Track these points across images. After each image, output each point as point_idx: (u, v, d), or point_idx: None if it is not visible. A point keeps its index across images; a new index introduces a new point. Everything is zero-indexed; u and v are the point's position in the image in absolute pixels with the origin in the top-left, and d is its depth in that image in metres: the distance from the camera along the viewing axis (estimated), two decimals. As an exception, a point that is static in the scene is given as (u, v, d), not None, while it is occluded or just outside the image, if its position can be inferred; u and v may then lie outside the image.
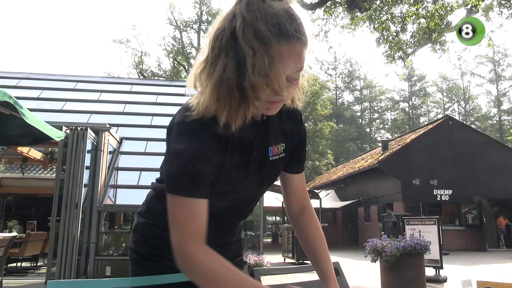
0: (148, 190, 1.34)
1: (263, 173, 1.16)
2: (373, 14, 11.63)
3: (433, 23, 10.93)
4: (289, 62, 0.90)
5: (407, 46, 12.08)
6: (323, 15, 12.17)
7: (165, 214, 1.14)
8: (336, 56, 54.65)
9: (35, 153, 9.01)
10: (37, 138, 5.84)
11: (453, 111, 51.53)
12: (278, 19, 0.89)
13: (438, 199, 19.25)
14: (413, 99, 53.97)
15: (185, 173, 0.97)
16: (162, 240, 1.13)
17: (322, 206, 19.46)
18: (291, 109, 1.18)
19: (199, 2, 38.78)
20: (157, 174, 1.35)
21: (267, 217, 38.75)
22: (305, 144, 1.29)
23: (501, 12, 11.29)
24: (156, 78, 35.71)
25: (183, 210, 0.96)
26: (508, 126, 45.46)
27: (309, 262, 1.32)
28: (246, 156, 1.10)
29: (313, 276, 1.30)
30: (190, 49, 39.23)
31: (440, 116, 39.18)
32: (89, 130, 7.70)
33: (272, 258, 7.38)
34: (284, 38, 0.88)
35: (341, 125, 51.73)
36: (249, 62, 0.88)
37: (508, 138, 35.65)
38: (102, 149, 8.31)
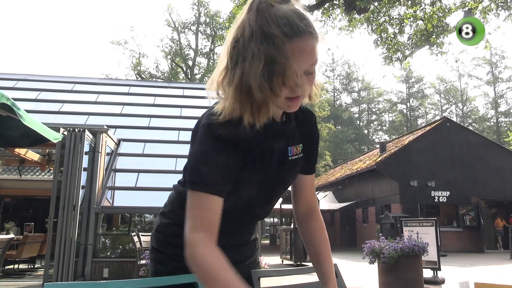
0: (147, 192, 1.35)
1: (282, 173, 1.21)
2: (371, 16, 11.66)
3: (431, 25, 10.96)
4: (303, 57, 0.96)
5: (405, 48, 12.11)
6: (321, 17, 12.18)
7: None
8: (334, 58, 54.70)
9: (32, 155, 8.98)
10: (34, 139, 5.84)
11: (450, 112, 51.63)
12: (288, 18, 0.96)
13: (436, 200, 19.28)
14: (410, 101, 54.06)
15: (206, 171, 1.02)
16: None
17: (320, 208, 19.35)
18: (306, 111, 1.27)
19: (197, 4, 38.80)
20: (155, 176, 1.35)
21: (265, 219, 38.71)
22: (318, 145, 1.34)
23: (498, 14, 11.33)
24: (154, 79, 35.68)
25: (199, 204, 1.00)
26: (506, 128, 45.60)
27: (307, 264, 1.33)
28: (268, 156, 1.15)
29: (311, 278, 1.31)
30: (188, 50, 39.26)
31: (437, 117, 39.27)
32: (87, 132, 7.69)
33: (270, 260, 7.38)
34: (296, 35, 0.95)
35: (339, 127, 51.76)
36: (265, 64, 0.93)
37: (505, 140, 35.74)
38: (100, 151, 8.30)
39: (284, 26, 0.94)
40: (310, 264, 1.37)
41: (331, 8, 11.76)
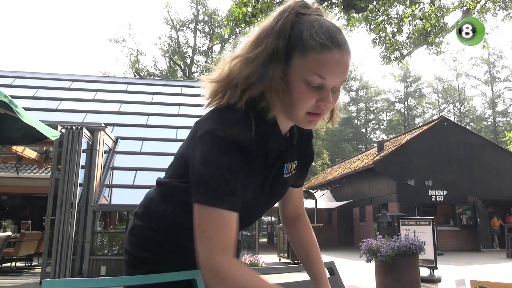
0: (145, 190, 1.32)
1: (272, 191, 1.15)
2: (370, 15, 11.66)
3: (429, 25, 10.97)
4: (338, 71, 0.94)
5: (403, 47, 12.12)
6: (319, 16, 12.16)
7: (164, 217, 1.12)
8: (332, 57, 54.62)
9: (30, 153, 8.97)
10: (32, 137, 5.82)
11: (448, 112, 51.71)
12: (328, 28, 0.94)
13: (433, 199, 19.33)
14: (408, 100, 54.10)
15: (221, 184, 0.92)
16: (159, 245, 1.14)
17: (318, 206, 19.47)
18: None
19: (195, 2, 38.73)
20: (152, 174, 1.34)
21: (262, 217, 38.74)
22: (312, 161, 1.31)
23: (496, 14, 11.35)
24: (152, 77, 35.64)
25: (215, 222, 0.91)
26: (503, 128, 45.70)
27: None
28: (267, 172, 1.09)
29: (308, 276, 1.31)
30: (186, 48, 39.21)
31: (435, 117, 39.37)
32: (85, 130, 7.68)
33: (268, 258, 7.39)
34: (335, 47, 0.92)
35: (336, 126, 51.56)
36: (298, 69, 0.93)
37: (502, 139, 35.83)
38: (98, 149, 8.29)
39: (322, 34, 0.92)
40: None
41: (329, 7, 11.75)
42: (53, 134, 5.68)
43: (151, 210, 1.19)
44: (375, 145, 26.51)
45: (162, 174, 1.24)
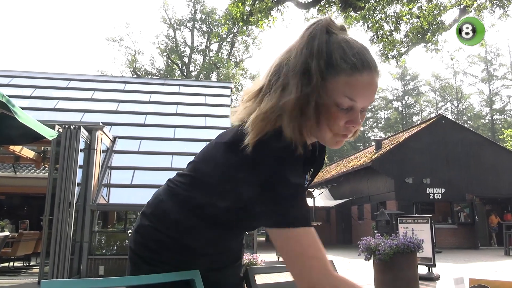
0: (143, 190, 1.32)
1: None
2: (367, 13, 11.66)
3: (426, 23, 10.98)
4: (368, 92, 0.93)
5: (401, 46, 12.13)
6: (317, 14, 12.17)
7: (174, 219, 1.12)
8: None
9: (27, 152, 8.95)
10: (29, 137, 5.81)
11: (446, 110, 51.80)
12: (358, 50, 0.92)
13: (431, 197, 19.37)
14: (406, 98, 54.19)
15: (304, 205, 0.94)
16: (163, 246, 1.13)
17: (316, 205, 19.52)
18: None
19: (193, 1, 38.64)
20: (151, 173, 1.33)
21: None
22: (322, 167, 1.29)
23: (493, 11, 11.36)
24: (150, 76, 35.57)
25: (315, 242, 0.91)
26: (500, 125, 45.81)
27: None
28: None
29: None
30: (184, 47, 39.14)
31: (433, 115, 39.37)
32: (82, 129, 7.66)
33: (266, 257, 7.40)
34: (366, 69, 0.91)
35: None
36: (329, 91, 0.91)
37: (500, 137, 35.93)
38: (95, 148, 8.27)
39: (353, 56, 0.91)
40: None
41: (327, 6, 11.75)
42: (50, 134, 5.66)
43: (160, 211, 1.18)
44: (373, 143, 26.54)
45: (160, 173, 1.25)
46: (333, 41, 0.94)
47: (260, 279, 1.39)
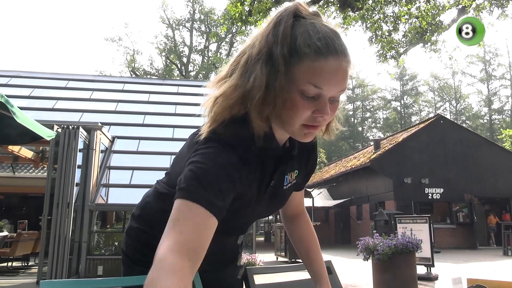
0: (142, 190, 1.33)
1: (273, 204, 1.12)
2: (366, 13, 11.66)
3: (425, 23, 10.99)
4: (334, 79, 0.86)
5: (399, 46, 12.13)
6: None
7: (157, 218, 1.10)
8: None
9: (26, 152, 8.93)
10: (28, 137, 5.80)
11: (444, 110, 51.87)
12: (324, 34, 0.86)
13: (430, 197, 19.38)
14: (404, 98, 54.25)
15: (213, 186, 0.82)
16: (152, 248, 1.13)
17: (315, 205, 19.52)
18: None
19: (191, 1, 38.63)
20: (149, 173, 1.34)
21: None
22: (315, 168, 1.25)
23: (491, 11, 11.37)
24: (149, 76, 35.55)
25: (193, 220, 0.78)
26: (499, 125, 45.87)
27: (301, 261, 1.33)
28: (264, 186, 1.03)
29: (305, 275, 1.31)
30: (183, 47, 39.13)
31: (431, 115, 39.39)
32: (81, 129, 7.65)
33: (265, 257, 7.39)
34: (332, 53, 0.84)
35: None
36: (295, 76, 0.86)
37: (498, 137, 35.98)
38: (94, 148, 8.26)
39: (318, 40, 0.84)
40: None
41: (325, 6, 11.75)
42: (48, 134, 5.66)
43: (147, 213, 1.19)
44: (372, 143, 26.55)
45: (159, 174, 1.25)
46: (299, 25, 0.88)
47: (259, 279, 1.40)
